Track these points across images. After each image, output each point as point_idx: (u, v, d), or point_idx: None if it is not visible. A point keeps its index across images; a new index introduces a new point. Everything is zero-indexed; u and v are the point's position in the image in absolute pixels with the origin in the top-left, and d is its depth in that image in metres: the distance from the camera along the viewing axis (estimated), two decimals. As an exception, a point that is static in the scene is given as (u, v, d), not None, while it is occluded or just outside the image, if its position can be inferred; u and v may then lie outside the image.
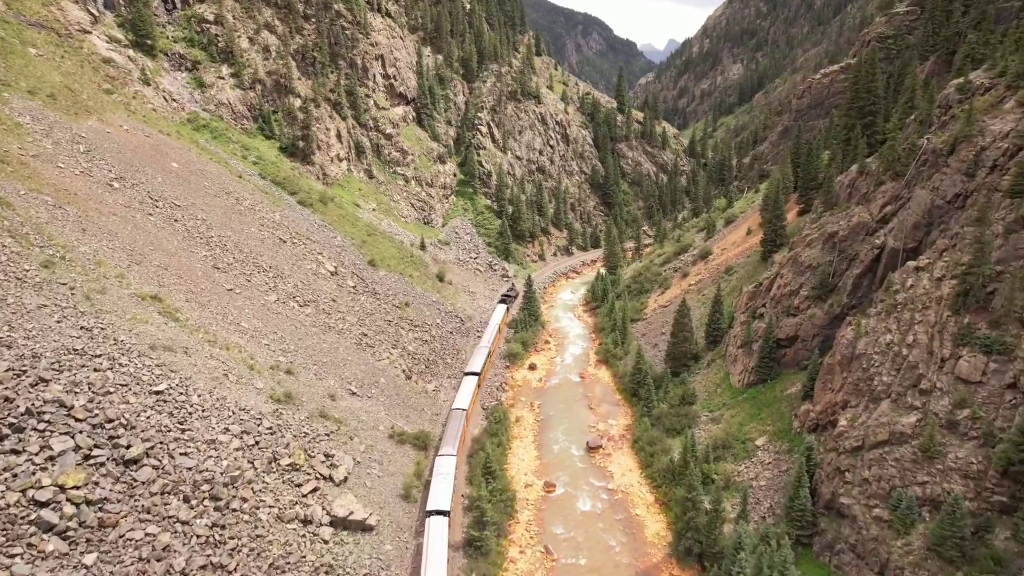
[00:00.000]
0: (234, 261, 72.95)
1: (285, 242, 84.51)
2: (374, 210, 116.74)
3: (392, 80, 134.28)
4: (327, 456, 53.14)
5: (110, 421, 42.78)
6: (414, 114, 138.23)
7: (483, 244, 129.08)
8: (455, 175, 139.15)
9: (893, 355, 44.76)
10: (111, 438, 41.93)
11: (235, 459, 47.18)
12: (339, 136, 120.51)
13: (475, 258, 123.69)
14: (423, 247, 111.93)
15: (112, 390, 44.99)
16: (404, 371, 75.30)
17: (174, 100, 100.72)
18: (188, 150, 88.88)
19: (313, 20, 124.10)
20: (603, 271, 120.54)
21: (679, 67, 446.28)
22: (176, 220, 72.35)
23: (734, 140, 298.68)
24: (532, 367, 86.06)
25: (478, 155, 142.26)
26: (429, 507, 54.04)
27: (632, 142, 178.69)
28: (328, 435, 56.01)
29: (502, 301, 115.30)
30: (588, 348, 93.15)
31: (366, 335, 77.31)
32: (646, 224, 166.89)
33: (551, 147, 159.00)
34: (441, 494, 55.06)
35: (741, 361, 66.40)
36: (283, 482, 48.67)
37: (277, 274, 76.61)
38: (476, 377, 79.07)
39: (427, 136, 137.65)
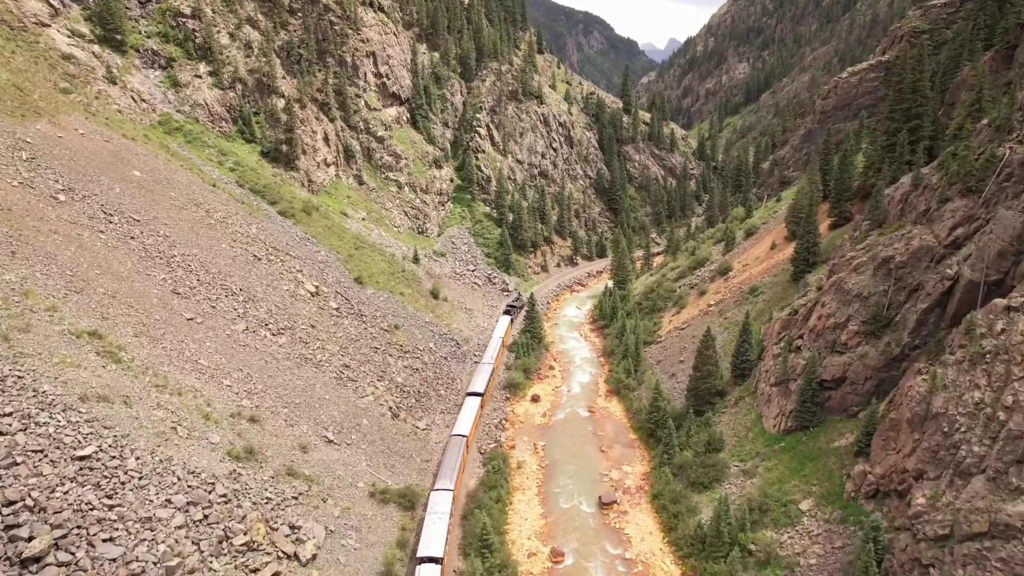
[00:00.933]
0: (198, 284, 64.32)
1: (260, 259, 75.87)
2: (363, 219, 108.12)
3: (384, 79, 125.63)
4: (293, 528, 44.48)
5: (10, 504, 34.21)
6: (408, 115, 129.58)
7: (482, 255, 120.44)
8: (452, 180, 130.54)
9: (985, 419, 36.12)
10: (7, 528, 33.37)
11: (176, 541, 38.56)
12: (326, 139, 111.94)
13: (473, 271, 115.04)
14: (416, 260, 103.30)
15: (20, 460, 36.45)
16: (391, 408, 66.62)
17: (144, 101, 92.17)
18: (155, 156, 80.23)
19: (299, 15, 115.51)
20: (611, 284, 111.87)
21: (683, 66, 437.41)
22: (133, 237, 63.71)
23: (751, 144, 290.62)
24: (535, 399, 77.40)
25: (476, 159, 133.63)
26: (420, 553, 46.85)
27: (639, 144, 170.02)
28: (296, 498, 47.40)
29: (507, 312, 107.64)
30: (597, 375, 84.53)
31: (348, 366, 68.63)
32: (654, 231, 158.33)
33: (554, 150, 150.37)
34: (434, 538, 47.30)
35: (776, 402, 57.76)
36: (235, 567, 40.02)
37: (249, 297, 67.97)
38: (479, 398, 71.96)
39: (422, 139, 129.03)
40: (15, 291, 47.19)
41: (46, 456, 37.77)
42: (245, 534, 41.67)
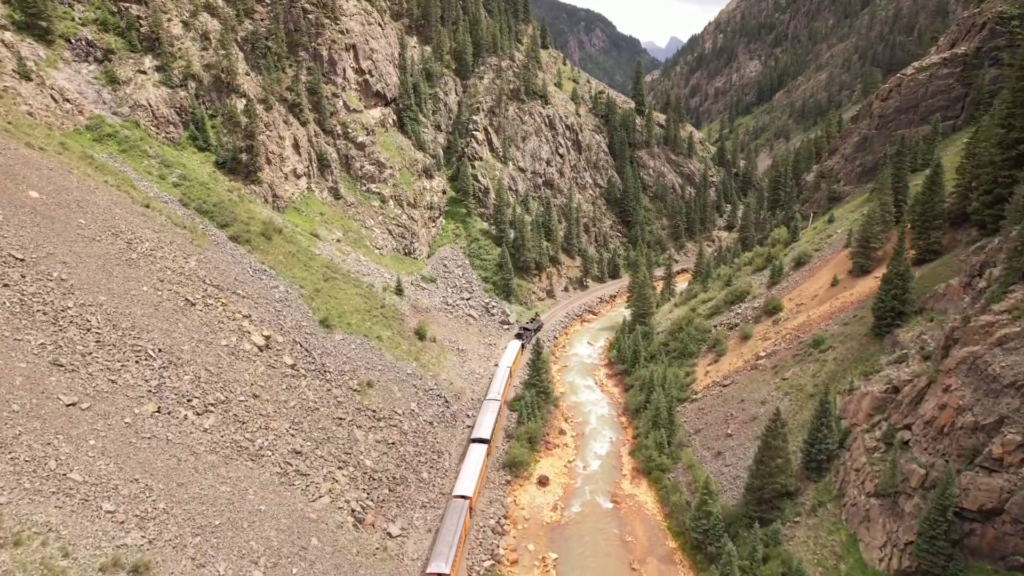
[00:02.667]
0: (96, 348, 48.09)
1: (195, 304, 59.58)
2: (339, 241, 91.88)
3: (367, 76, 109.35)
4: None
5: None
6: (394, 117, 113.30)
7: (478, 280, 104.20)
8: (444, 192, 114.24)
9: None
10: None
11: None
12: (296, 146, 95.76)
13: (468, 299, 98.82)
14: (400, 291, 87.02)
15: None
16: (354, 511, 50.41)
17: (68, 101, 76.08)
18: (67, 171, 63.92)
19: (267, 1, 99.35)
20: (628, 315, 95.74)
21: (690, 64, 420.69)
22: (7, 285, 47.44)
23: (763, 146, 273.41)
24: (543, 481, 61.14)
25: (473, 167, 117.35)
26: None
27: (654, 149, 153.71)
28: None
29: (518, 336, 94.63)
30: (619, 442, 68.45)
31: (300, 453, 52.42)
32: (671, 246, 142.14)
33: (560, 156, 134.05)
34: None
35: (880, 524, 41.59)
36: None
37: (170, 361, 51.73)
38: (485, 446, 62.46)
39: (410, 144, 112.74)
40: None
41: None
42: None
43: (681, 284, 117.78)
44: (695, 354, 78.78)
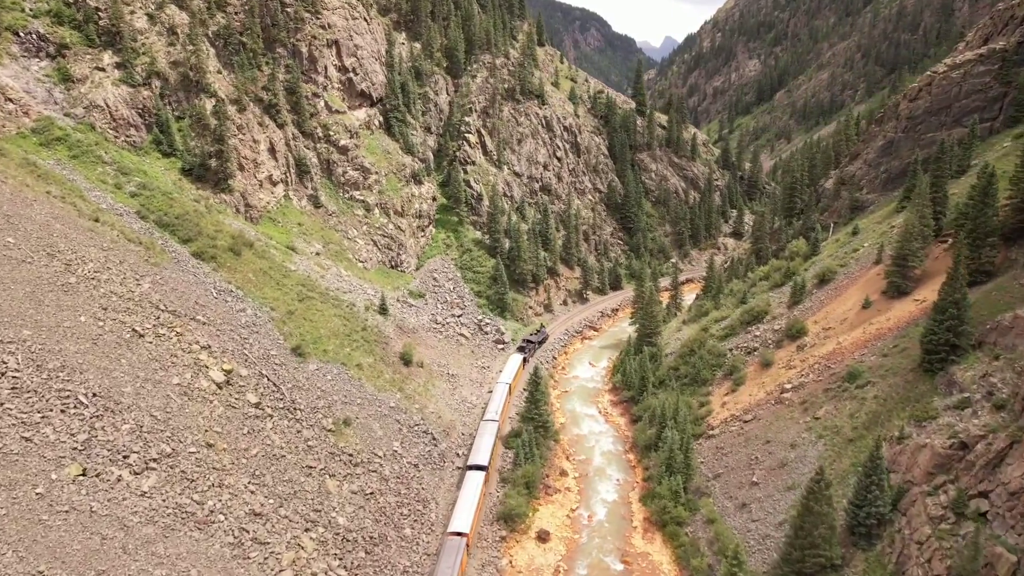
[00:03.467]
0: (8, 398, 40.33)
1: (144, 335, 51.80)
2: (318, 254, 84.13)
3: (351, 74, 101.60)
4: None
5: None
6: (381, 119, 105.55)
7: (470, 294, 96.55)
8: (434, 199, 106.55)
9: None
10: None
11: None
12: (272, 150, 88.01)
13: (459, 316, 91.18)
14: (384, 310, 79.29)
15: None
16: (321, 587, 42.75)
17: (11, 100, 68.57)
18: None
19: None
20: (633, 334, 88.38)
21: (688, 63, 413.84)
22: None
23: (763, 147, 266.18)
24: (542, 537, 53.54)
25: (465, 172, 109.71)
26: None
27: (656, 151, 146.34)
28: None
29: (521, 349, 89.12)
30: (627, 485, 61.08)
31: (259, 515, 44.70)
32: (675, 254, 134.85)
33: (558, 159, 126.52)
34: None
35: (956, 616, 34.15)
36: None
37: (105, 408, 43.98)
38: (483, 473, 57.89)
39: (397, 148, 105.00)
40: None
41: None
42: None
43: (688, 295, 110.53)
44: (709, 381, 71.42)
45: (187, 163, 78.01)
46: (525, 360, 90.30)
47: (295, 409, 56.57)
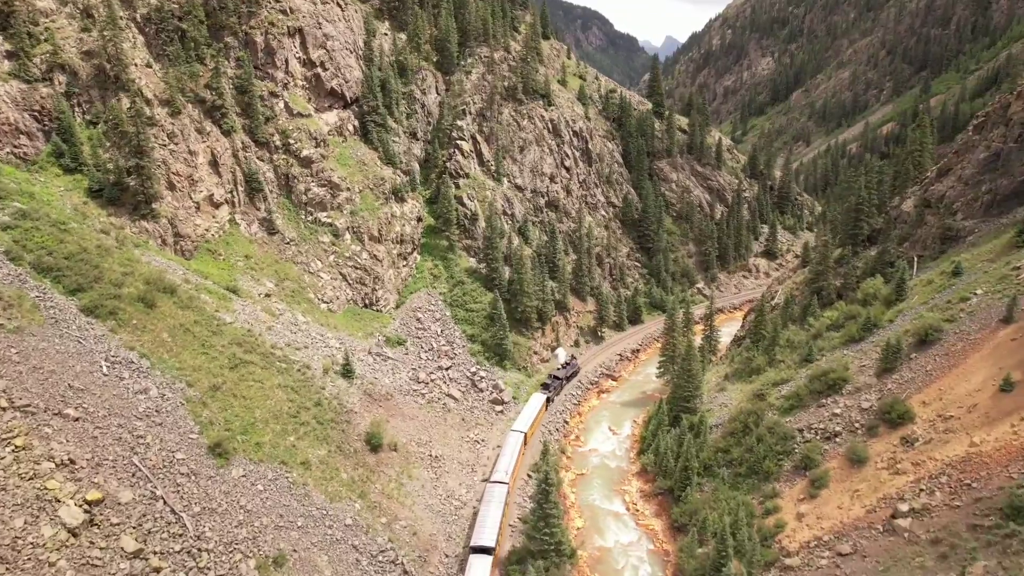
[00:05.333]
0: None
1: (-42, 455, 34.21)
2: (268, 296, 66.58)
3: (319, 69, 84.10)
4: None
5: None
6: (356, 123, 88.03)
7: (462, 338, 78.98)
8: (420, 220, 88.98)
9: None
10: None
11: None
12: (215, 164, 70.59)
13: (447, 369, 73.62)
14: (348, 371, 61.66)
15: None
16: None
17: None
18: None
19: (178, -33, 74.07)
20: (663, 395, 71.01)
21: (697, 61, 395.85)
22: None
23: (781, 149, 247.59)
24: None
25: (457, 187, 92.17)
26: None
27: (676, 159, 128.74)
28: None
29: (544, 387, 76.16)
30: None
31: None
32: (701, 278, 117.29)
33: (566, 170, 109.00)
34: None
35: None
36: None
37: None
38: (489, 558, 47.94)
39: (376, 158, 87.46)
40: None
41: None
42: None
43: (724, 331, 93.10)
44: (774, 474, 53.96)
45: (97, 182, 60.70)
46: (549, 400, 75.67)
47: (201, 550, 39.01)
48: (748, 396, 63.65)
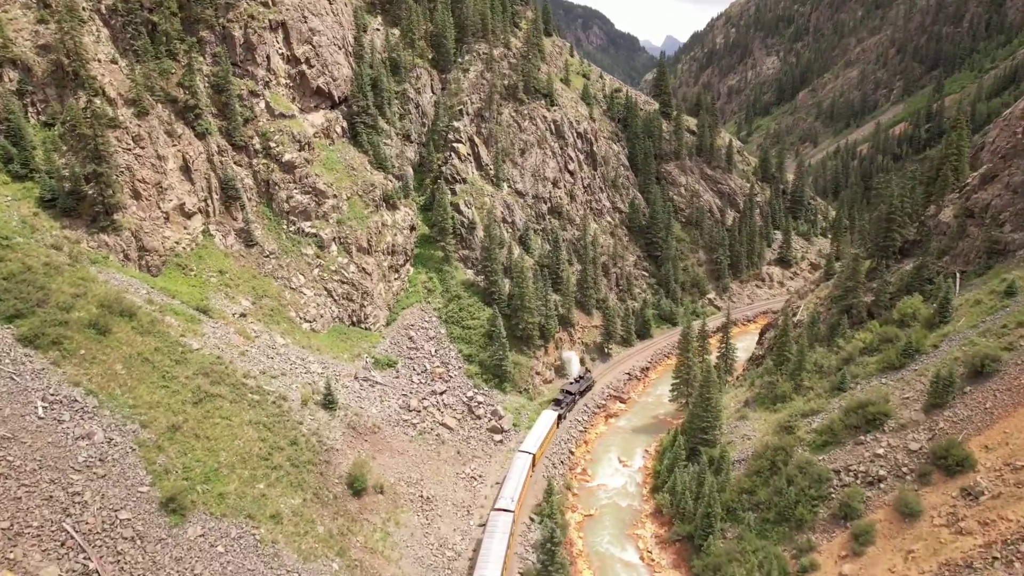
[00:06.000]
0: None
1: None
2: (243, 316, 60.35)
3: (304, 66, 77.88)
4: None
5: None
6: (344, 125, 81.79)
7: (458, 358, 72.71)
8: (413, 229, 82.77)
9: None
10: None
11: None
12: (187, 169, 64.42)
13: (441, 394, 67.34)
14: (330, 403, 55.32)
15: None
16: None
17: None
18: None
19: (148, -45, 67.79)
20: (677, 425, 64.80)
21: (700, 60, 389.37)
22: None
23: (787, 148, 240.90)
24: None
25: (453, 193, 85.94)
26: None
27: (685, 162, 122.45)
28: None
29: (556, 403, 72.64)
30: None
31: None
32: (712, 288, 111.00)
33: (570, 174, 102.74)
34: None
35: None
36: None
37: None
38: None
39: (366, 162, 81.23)
40: None
41: None
42: None
43: (741, 344, 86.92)
44: (808, 523, 47.69)
45: (50, 190, 54.47)
46: (560, 418, 70.61)
47: (140, 636, 32.75)
48: (774, 427, 57.41)
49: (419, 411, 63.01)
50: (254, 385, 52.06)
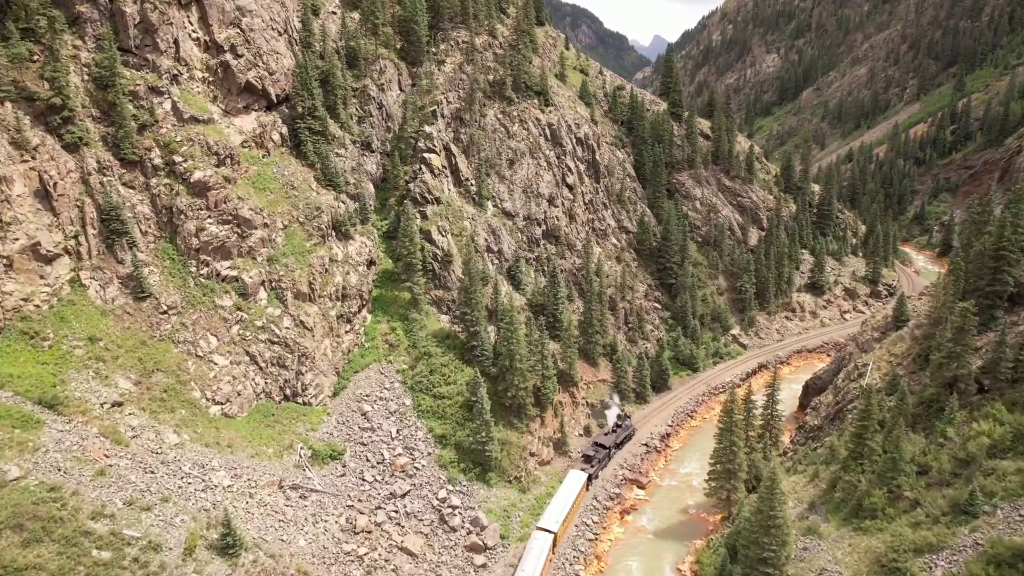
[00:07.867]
0: None
1: None
2: (119, 405, 42.40)
3: (229, 55, 59.99)
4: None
5: None
6: (284, 131, 63.83)
7: (427, 441, 55.05)
8: (371, 264, 65.02)
9: None
10: None
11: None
12: (47, 195, 46.41)
13: (403, 497, 49.70)
14: (231, 544, 37.45)
15: None
16: None
17: None
18: None
19: (-1, -98, 49.37)
20: (722, 542, 47.63)
21: (696, 58, 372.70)
22: None
23: (793, 150, 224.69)
24: None
25: (424, 216, 68.22)
26: None
27: (700, 171, 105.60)
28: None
29: (587, 460, 60.77)
30: None
31: None
32: (735, 322, 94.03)
33: (569, 188, 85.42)
34: None
35: None
36: None
37: None
38: None
39: (311, 178, 63.39)
40: None
41: None
42: None
43: (784, 393, 69.54)
44: None
45: None
46: (590, 479, 57.87)
47: None
48: (871, 564, 40.37)
49: (369, 533, 45.28)
50: (105, 533, 34.20)
